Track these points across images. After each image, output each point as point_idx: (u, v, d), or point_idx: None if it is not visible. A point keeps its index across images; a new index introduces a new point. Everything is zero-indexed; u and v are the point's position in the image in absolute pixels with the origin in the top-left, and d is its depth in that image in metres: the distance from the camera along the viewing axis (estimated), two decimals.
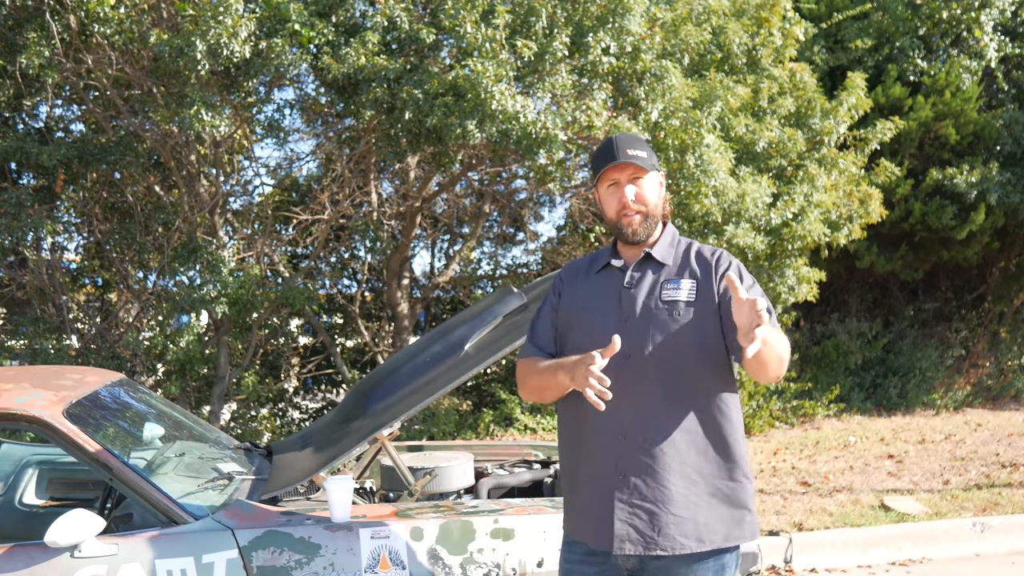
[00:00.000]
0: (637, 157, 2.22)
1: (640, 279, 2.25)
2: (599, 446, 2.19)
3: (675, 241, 2.33)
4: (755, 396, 8.60)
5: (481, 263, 9.65)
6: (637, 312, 2.20)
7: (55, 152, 5.88)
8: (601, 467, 2.18)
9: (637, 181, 2.25)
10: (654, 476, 2.13)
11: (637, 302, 2.22)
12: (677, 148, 6.34)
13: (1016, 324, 11.43)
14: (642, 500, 2.13)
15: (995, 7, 9.55)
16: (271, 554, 2.53)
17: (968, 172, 9.30)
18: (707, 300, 2.19)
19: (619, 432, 2.16)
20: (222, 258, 6.23)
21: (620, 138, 2.26)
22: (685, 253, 2.29)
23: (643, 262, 2.29)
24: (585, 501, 2.22)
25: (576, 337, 2.28)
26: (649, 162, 2.25)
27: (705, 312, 2.18)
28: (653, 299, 2.21)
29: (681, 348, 2.16)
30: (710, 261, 2.25)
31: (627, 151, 2.22)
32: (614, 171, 2.24)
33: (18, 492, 3.82)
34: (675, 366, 2.16)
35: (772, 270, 7.41)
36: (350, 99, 5.99)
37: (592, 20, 5.98)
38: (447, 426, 6.85)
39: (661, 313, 2.18)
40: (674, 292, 2.21)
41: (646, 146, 2.28)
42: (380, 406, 3.15)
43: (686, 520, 2.12)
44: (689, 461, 2.15)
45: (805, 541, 4.93)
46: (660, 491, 2.12)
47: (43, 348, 6.09)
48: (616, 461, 2.16)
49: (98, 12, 5.28)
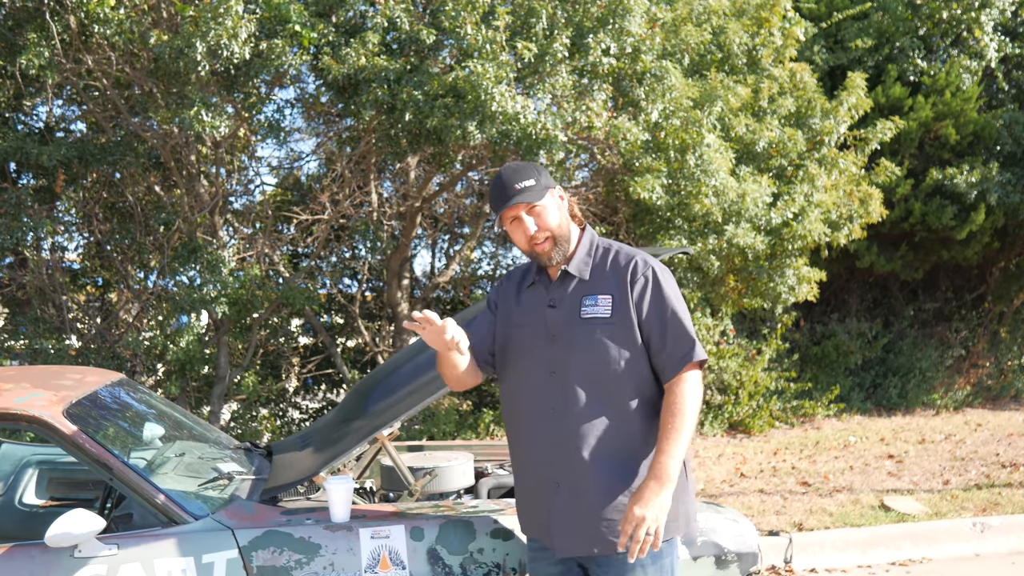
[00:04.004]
0: (526, 190, 2.28)
1: (561, 298, 2.34)
2: (534, 455, 2.34)
3: (592, 249, 2.38)
4: (755, 396, 8.60)
5: (481, 263, 9.64)
6: (560, 330, 2.30)
7: (55, 152, 5.88)
8: (537, 475, 2.34)
9: (534, 211, 2.31)
10: (585, 484, 2.26)
11: (560, 320, 2.31)
12: (678, 148, 6.34)
13: (1016, 324, 11.42)
14: (576, 508, 2.26)
15: (995, 7, 9.55)
16: (271, 554, 2.53)
17: (968, 172, 9.30)
18: (624, 314, 2.27)
19: (550, 443, 2.29)
20: (222, 258, 6.23)
21: (505, 174, 2.31)
22: (602, 262, 2.35)
23: (562, 279, 2.36)
24: (530, 504, 2.38)
25: (512, 354, 2.41)
26: (539, 189, 2.30)
27: (623, 326, 2.27)
28: (574, 317, 2.30)
29: (601, 363, 2.26)
30: (625, 274, 2.30)
31: (515, 186, 2.28)
32: (509, 211, 2.31)
33: (18, 492, 3.82)
34: (597, 380, 2.26)
35: (772, 270, 7.41)
36: (350, 99, 5.99)
37: (592, 21, 5.98)
38: (447, 426, 6.85)
39: (582, 331, 2.28)
40: (592, 309, 2.29)
41: (533, 171, 2.32)
42: (380, 406, 3.15)
43: (616, 522, 2.23)
44: (616, 468, 2.26)
45: (805, 541, 4.93)
46: (592, 498, 2.25)
47: (43, 348, 6.09)
48: (550, 469, 2.30)
49: (98, 13, 5.27)
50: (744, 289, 7.64)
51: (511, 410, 2.43)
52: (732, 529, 2.87)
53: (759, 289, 7.57)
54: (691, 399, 2.22)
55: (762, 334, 9.36)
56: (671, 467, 2.16)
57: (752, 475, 6.71)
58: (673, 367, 2.25)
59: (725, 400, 8.50)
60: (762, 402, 8.67)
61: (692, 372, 2.25)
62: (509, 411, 2.44)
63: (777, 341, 8.90)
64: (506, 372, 2.44)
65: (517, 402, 2.40)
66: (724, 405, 8.51)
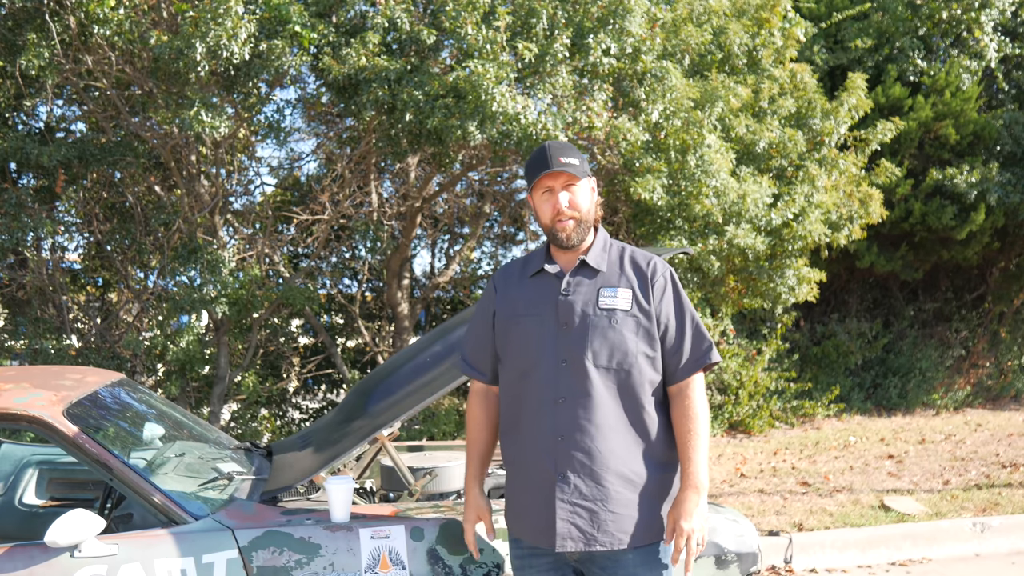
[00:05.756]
0: (570, 165, 2.28)
1: (577, 286, 2.32)
2: (538, 448, 2.29)
3: (607, 246, 2.40)
4: (755, 396, 8.60)
5: (481, 263, 9.64)
6: (575, 319, 2.28)
7: (55, 152, 5.88)
8: (541, 468, 2.29)
9: (570, 188, 2.31)
10: (592, 475, 2.24)
11: (575, 309, 2.30)
12: (678, 148, 6.34)
13: (1016, 324, 11.42)
14: (582, 499, 2.24)
15: (995, 7, 9.55)
16: (271, 554, 2.53)
17: (968, 172, 9.30)
18: (644, 310, 2.28)
19: (556, 434, 2.26)
20: (222, 258, 6.23)
21: (553, 146, 2.32)
22: (619, 259, 2.36)
23: (579, 269, 2.35)
24: (527, 501, 2.33)
25: (513, 345, 2.37)
26: (581, 169, 2.31)
27: (642, 321, 2.27)
28: (591, 306, 2.29)
29: (618, 354, 2.25)
30: (645, 272, 2.32)
31: (560, 159, 2.29)
32: (548, 179, 2.31)
33: (18, 492, 3.82)
34: (612, 371, 2.25)
35: (772, 270, 7.41)
36: (350, 99, 5.99)
37: (593, 21, 5.98)
38: (447, 426, 6.85)
39: (600, 320, 2.27)
40: (611, 300, 2.29)
41: (578, 154, 2.33)
42: (380, 406, 3.15)
43: (624, 517, 2.23)
44: (625, 461, 2.25)
45: (805, 541, 4.93)
46: (599, 490, 2.23)
47: (43, 348, 6.09)
48: (555, 462, 2.26)
49: (98, 13, 5.28)
50: (744, 289, 7.64)
51: (510, 402, 2.36)
52: (732, 529, 2.87)
53: (759, 289, 7.57)
54: (704, 403, 2.29)
55: (762, 334, 9.36)
56: (702, 473, 2.22)
57: (752, 475, 6.71)
58: (689, 368, 2.28)
59: (725, 400, 8.50)
60: (762, 402, 8.67)
61: (701, 376, 2.31)
62: (507, 404, 2.38)
63: (777, 341, 8.90)
64: (506, 364, 2.38)
65: (519, 393, 2.33)
66: (724, 405, 8.51)
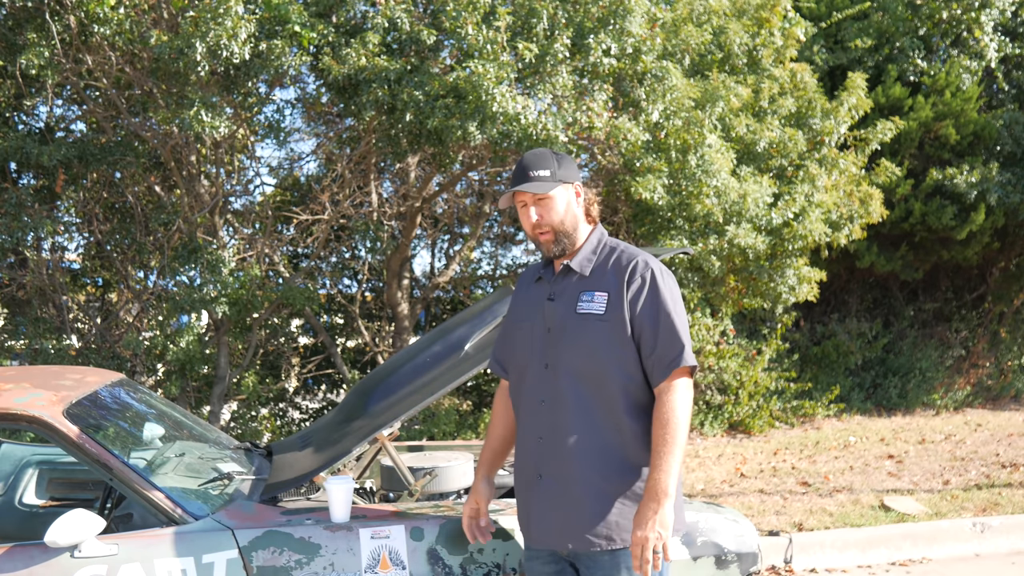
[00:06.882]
0: (538, 179, 2.28)
1: (561, 292, 2.34)
2: (525, 449, 2.36)
3: (599, 247, 2.38)
4: (755, 396, 8.60)
5: (481, 263, 9.65)
6: (557, 324, 2.30)
7: (55, 152, 5.88)
8: (528, 468, 2.35)
9: (540, 203, 2.31)
10: (564, 478, 2.26)
11: (557, 314, 2.32)
12: (679, 148, 6.34)
13: (1016, 324, 11.42)
14: (556, 500, 2.27)
15: (995, 7, 9.55)
16: (271, 554, 2.53)
17: (968, 172, 9.29)
18: (618, 313, 2.25)
19: (537, 435, 2.31)
20: (222, 258, 6.23)
21: (527, 158, 2.32)
22: (605, 261, 2.34)
23: (564, 274, 2.37)
24: (520, 499, 2.40)
25: (513, 348, 2.44)
26: (550, 181, 2.29)
27: (615, 324, 2.25)
28: (570, 311, 2.30)
29: (591, 359, 2.25)
30: (624, 273, 2.29)
31: (531, 172, 2.28)
32: (520, 194, 2.32)
33: (18, 492, 3.82)
34: (586, 376, 2.26)
35: (773, 270, 7.42)
36: (350, 99, 5.99)
37: (593, 21, 5.98)
38: (447, 426, 6.85)
39: (576, 325, 2.28)
40: (588, 305, 2.29)
41: (553, 161, 2.31)
42: (380, 406, 3.15)
43: (596, 520, 2.23)
44: (598, 465, 2.25)
45: (805, 541, 4.93)
46: (571, 492, 2.25)
47: (43, 348, 6.09)
48: (536, 463, 2.31)
49: (98, 13, 5.28)
50: (744, 289, 7.65)
51: (513, 404, 2.46)
52: (732, 529, 2.87)
53: (759, 289, 7.58)
54: (681, 410, 2.19)
55: (762, 334, 9.36)
56: (665, 482, 2.14)
57: (752, 475, 6.71)
58: (662, 371, 2.21)
59: (725, 400, 8.50)
60: (762, 402, 8.66)
61: (682, 380, 2.22)
62: (513, 405, 2.47)
63: (777, 341, 8.90)
64: (509, 367, 2.47)
65: (516, 396, 2.43)
66: (724, 405, 8.51)
